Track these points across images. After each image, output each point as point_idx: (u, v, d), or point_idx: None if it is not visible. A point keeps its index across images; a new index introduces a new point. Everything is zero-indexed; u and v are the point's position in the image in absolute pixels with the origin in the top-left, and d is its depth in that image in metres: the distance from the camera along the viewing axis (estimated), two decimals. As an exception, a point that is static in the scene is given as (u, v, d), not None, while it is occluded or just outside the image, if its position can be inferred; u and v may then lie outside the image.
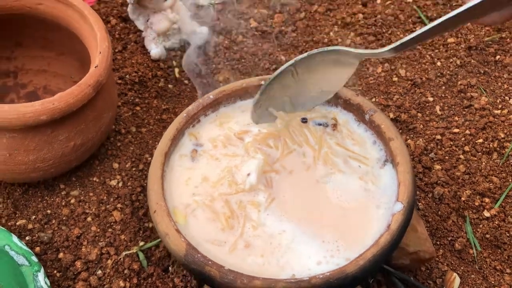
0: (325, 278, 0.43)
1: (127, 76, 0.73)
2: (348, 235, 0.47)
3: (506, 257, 0.59)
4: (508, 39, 0.79)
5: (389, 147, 0.51)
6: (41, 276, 0.51)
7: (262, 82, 0.57)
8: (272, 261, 0.45)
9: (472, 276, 0.58)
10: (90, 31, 0.57)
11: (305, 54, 0.50)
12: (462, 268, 0.58)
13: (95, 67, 0.53)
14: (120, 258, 0.57)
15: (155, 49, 0.74)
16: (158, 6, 0.71)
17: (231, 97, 0.57)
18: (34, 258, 0.52)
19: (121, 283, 0.56)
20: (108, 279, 0.56)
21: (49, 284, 0.51)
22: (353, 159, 0.52)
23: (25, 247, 0.53)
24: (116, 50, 0.76)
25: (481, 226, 0.61)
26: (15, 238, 0.53)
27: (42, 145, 0.53)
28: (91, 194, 0.62)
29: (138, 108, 0.71)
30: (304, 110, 0.55)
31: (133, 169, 0.65)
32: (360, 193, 0.50)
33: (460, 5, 0.83)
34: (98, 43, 0.55)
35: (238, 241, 0.46)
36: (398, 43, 0.44)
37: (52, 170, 0.56)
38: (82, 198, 0.62)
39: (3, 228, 0.54)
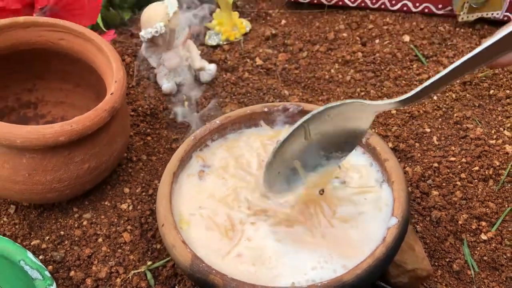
0: (323, 286, 0.45)
1: (140, 108, 0.78)
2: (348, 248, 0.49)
3: (504, 279, 0.60)
4: (500, 75, 0.83)
5: (384, 167, 0.54)
6: (53, 290, 0.53)
7: (266, 109, 0.61)
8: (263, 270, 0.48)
9: (471, 296, 0.59)
10: (106, 63, 0.62)
11: (321, 108, 0.48)
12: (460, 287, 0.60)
13: (111, 94, 0.58)
14: (129, 277, 0.60)
15: (167, 84, 0.79)
16: (170, 45, 0.76)
17: (236, 123, 0.61)
18: (47, 273, 0.55)
19: (129, 301, 0.58)
20: (116, 297, 0.58)
21: (60, 299, 0.53)
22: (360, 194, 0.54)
23: (38, 263, 0.55)
24: (130, 86, 0.81)
25: (478, 248, 0.63)
26: (29, 254, 0.56)
27: (59, 166, 0.57)
28: (102, 216, 0.65)
29: (149, 138, 0.75)
30: (314, 174, 0.53)
31: (143, 193, 0.68)
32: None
33: (455, 45, 0.88)
34: (114, 73, 0.60)
35: (232, 251, 0.49)
36: (413, 92, 0.45)
37: (67, 191, 0.60)
38: (94, 220, 0.65)
39: (19, 245, 0.57)
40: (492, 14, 0.90)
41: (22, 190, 0.58)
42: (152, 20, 0.73)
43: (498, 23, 0.92)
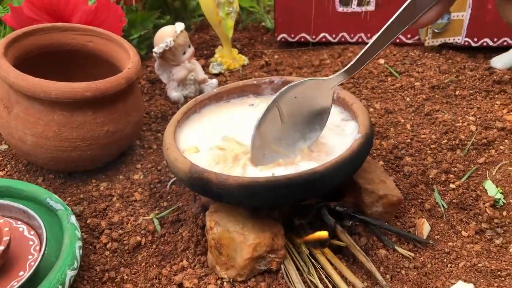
0: (298, 175, 0.53)
1: (152, 112, 0.91)
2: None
3: (472, 215, 0.67)
4: (464, 80, 0.96)
5: (351, 108, 0.65)
6: (72, 217, 0.62)
7: (255, 82, 0.74)
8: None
9: (441, 225, 0.66)
10: (125, 55, 0.77)
11: (284, 88, 0.59)
12: (432, 221, 0.66)
13: (128, 68, 0.71)
14: (138, 222, 0.68)
15: (175, 93, 0.93)
16: (178, 59, 0.91)
17: (231, 93, 0.73)
18: (68, 207, 0.64)
19: (138, 238, 0.66)
20: (127, 235, 0.66)
21: (78, 225, 0.62)
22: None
23: (60, 199, 0.64)
24: (144, 100, 0.95)
25: (448, 195, 0.70)
26: (53, 194, 0.65)
27: (83, 124, 0.68)
28: (117, 185, 0.75)
29: (159, 134, 0.87)
30: (291, 153, 0.61)
31: (153, 168, 0.78)
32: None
33: (424, 63, 1.02)
34: (131, 58, 0.74)
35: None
36: (350, 64, 0.55)
37: (88, 152, 0.71)
38: (109, 186, 0.74)
39: (44, 188, 0.67)
40: (454, 39, 1.06)
41: (51, 146, 0.69)
42: (163, 38, 0.89)
43: (461, 48, 1.07)
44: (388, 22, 0.50)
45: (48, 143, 0.69)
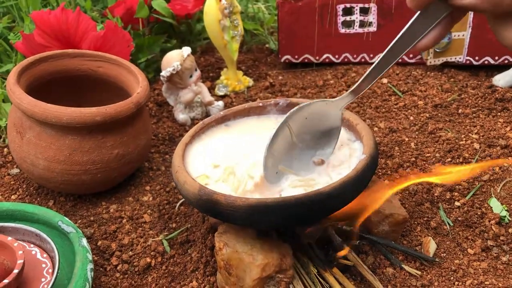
0: (304, 196, 0.54)
1: (160, 135, 0.92)
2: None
3: (478, 233, 0.68)
4: (466, 98, 0.97)
5: (356, 129, 0.66)
6: (84, 240, 0.63)
7: (260, 104, 0.75)
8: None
9: (448, 243, 0.66)
10: (134, 79, 0.79)
11: (295, 108, 0.61)
12: (438, 239, 0.67)
13: (137, 93, 0.73)
14: (148, 244, 0.69)
15: (182, 115, 0.94)
16: (185, 82, 0.93)
17: (237, 115, 0.74)
18: (79, 230, 0.65)
19: (148, 260, 0.67)
20: (137, 257, 0.67)
21: (89, 247, 0.63)
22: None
23: (71, 222, 0.66)
24: (152, 122, 0.97)
25: (453, 212, 0.71)
26: (64, 217, 0.66)
27: (93, 148, 0.70)
28: (126, 206, 0.76)
29: (167, 156, 0.89)
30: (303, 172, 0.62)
31: (161, 190, 0.80)
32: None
33: (427, 82, 1.03)
34: (140, 83, 0.76)
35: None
36: (355, 85, 0.58)
37: (99, 175, 0.72)
38: (119, 208, 0.76)
39: (56, 212, 0.68)
40: (456, 58, 1.07)
41: (62, 170, 0.70)
42: (170, 62, 0.91)
43: (463, 67, 1.08)
44: (390, 45, 0.52)
45: (59, 167, 0.70)
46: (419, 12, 0.48)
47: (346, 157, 0.64)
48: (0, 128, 0.91)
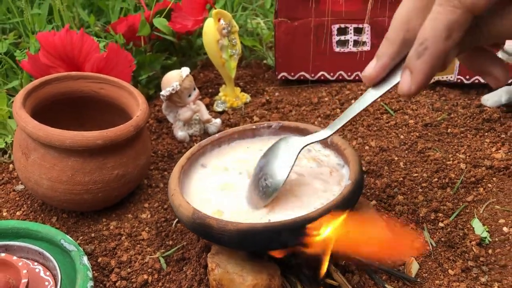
0: (292, 221, 0.58)
1: (159, 151, 0.96)
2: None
3: (459, 253, 0.71)
4: (456, 118, 1.01)
5: (344, 154, 0.70)
6: (85, 258, 0.67)
7: (254, 126, 0.79)
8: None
9: (430, 263, 0.70)
10: (134, 102, 0.82)
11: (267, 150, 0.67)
12: (421, 259, 0.70)
13: (137, 116, 0.77)
14: (146, 261, 0.73)
15: (181, 132, 0.98)
16: (184, 101, 0.97)
17: (232, 138, 0.78)
18: (80, 248, 0.69)
19: (145, 276, 0.70)
20: (135, 274, 0.71)
21: (90, 265, 0.66)
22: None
23: (74, 241, 0.69)
24: (152, 138, 1.01)
25: (437, 233, 0.75)
26: (66, 236, 0.70)
27: (95, 169, 0.74)
28: (126, 224, 0.80)
29: (166, 172, 0.92)
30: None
31: (159, 207, 0.83)
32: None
33: (418, 101, 1.06)
34: (139, 106, 0.80)
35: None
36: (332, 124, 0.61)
37: (99, 194, 0.76)
38: (119, 225, 0.79)
39: (59, 230, 0.72)
40: (447, 77, 1.11)
41: (65, 190, 0.74)
42: (169, 81, 0.95)
43: (454, 85, 1.12)
44: (365, 93, 0.55)
45: (62, 187, 0.74)
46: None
47: (336, 182, 0.68)
48: (6, 145, 0.95)
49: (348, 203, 0.62)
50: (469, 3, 0.41)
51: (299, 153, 0.64)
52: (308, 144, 0.65)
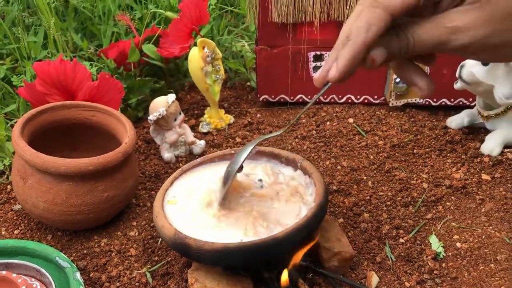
0: (261, 241, 0.66)
1: (147, 172, 1.04)
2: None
3: (416, 267, 0.79)
4: (421, 139, 1.09)
5: (312, 177, 0.78)
6: (78, 274, 0.74)
7: (232, 151, 0.87)
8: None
9: (389, 276, 0.78)
10: (123, 128, 0.90)
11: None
12: (381, 272, 0.78)
13: (125, 143, 0.84)
14: (134, 276, 0.80)
15: (167, 154, 1.06)
16: (170, 125, 1.05)
17: (212, 160, 0.86)
18: (73, 264, 0.76)
19: (133, 290, 0.78)
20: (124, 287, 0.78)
21: (82, 280, 0.74)
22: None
23: (68, 258, 0.77)
24: (140, 159, 1.08)
25: (397, 248, 0.83)
26: (61, 253, 0.78)
27: (87, 192, 0.81)
28: (116, 241, 0.87)
29: (153, 192, 1.00)
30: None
31: (147, 226, 0.91)
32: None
33: (388, 122, 1.14)
34: (127, 132, 0.87)
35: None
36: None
37: (91, 215, 0.83)
38: (109, 243, 0.87)
39: (55, 248, 0.79)
40: (416, 100, 1.19)
41: (60, 211, 0.81)
42: (157, 107, 1.02)
43: (423, 107, 1.20)
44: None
45: (57, 208, 0.81)
46: None
47: (303, 204, 0.76)
48: (4, 166, 1.02)
49: (312, 223, 0.70)
50: (386, 3, 0.50)
51: (255, 145, 0.73)
52: (263, 139, 0.74)
